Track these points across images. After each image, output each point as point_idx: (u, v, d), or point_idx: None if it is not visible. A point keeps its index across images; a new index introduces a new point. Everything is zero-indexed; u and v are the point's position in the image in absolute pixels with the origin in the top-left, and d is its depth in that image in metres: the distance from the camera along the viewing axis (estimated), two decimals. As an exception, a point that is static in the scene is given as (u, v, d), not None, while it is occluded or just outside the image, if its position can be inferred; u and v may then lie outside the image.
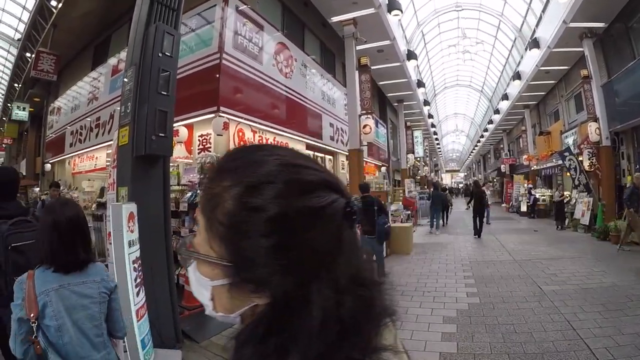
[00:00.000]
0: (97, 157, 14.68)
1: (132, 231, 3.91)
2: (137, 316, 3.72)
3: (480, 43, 27.06)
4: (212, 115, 8.85)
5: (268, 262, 0.56)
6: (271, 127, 11.02)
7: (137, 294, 3.82)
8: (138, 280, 3.88)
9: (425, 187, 28.46)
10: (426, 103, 28.46)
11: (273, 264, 0.56)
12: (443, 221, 17.87)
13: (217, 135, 9.00)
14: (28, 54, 20.33)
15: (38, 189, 19.88)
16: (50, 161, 18.95)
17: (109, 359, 2.12)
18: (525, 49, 19.71)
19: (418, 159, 31.15)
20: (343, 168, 16.60)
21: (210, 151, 9.31)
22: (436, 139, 45.40)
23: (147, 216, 4.47)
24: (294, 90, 12.27)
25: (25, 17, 22.53)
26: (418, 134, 30.99)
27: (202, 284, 0.65)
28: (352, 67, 13.06)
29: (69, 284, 2.00)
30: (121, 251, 3.76)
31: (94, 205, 10.80)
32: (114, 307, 2.21)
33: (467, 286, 7.02)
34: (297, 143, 12.78)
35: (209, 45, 9.32)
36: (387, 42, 15.77)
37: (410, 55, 18.97)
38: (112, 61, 13.76)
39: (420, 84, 24.10)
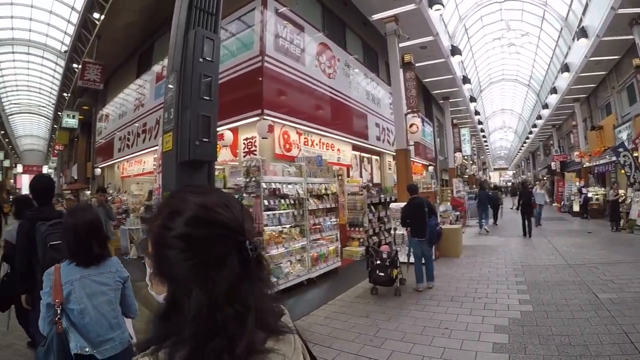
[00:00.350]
0: (144, 162, 15.19)
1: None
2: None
3: (525, 35, 26.03)
4: (257, 118, 8.94)
5: (167, 266, 0.84)
6: (316, 129, 11.03)
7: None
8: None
9: (474, 186, 27.72)
10: (472, 99, 27.52)
11: (170, 268, 0.83)
12: (494, 220, 17.47)
13: (262, 138, 9.05)
14: (75, 65, 21.33)
15: (89, 192, 20.78)
16: (100, 166, 19.74)
17: (123, 337, 2.46)
18: (573, 39, 18.70)
19: (465, 157, 30.43)
20: (390, 168, 16.44)
21: (255, 154, 9.35)
22: (483, 137, 43.94)
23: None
24: (337, 91, 12.22)
25: (71, 30, 23.75)
26: (465, 131, 30.24)
27: (147, 270, 0.95)
28: (396, 65, 12.75)
29: (89, 275, 2.37)
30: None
31: (142, 208, 11.14)
32: (127, 294, 2.62)
33: (519, 292, 6.66)
34: (342, 144, 12.77)
35: (251, 49, 9.40)
36: (430, 38, 15.40)
37: (455, 50, 18.40)
38: (156, 68, 14.17)
39: (465, 80, 23.37)
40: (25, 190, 49.24)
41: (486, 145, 53.40)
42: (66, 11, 24.62)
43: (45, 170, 51.87)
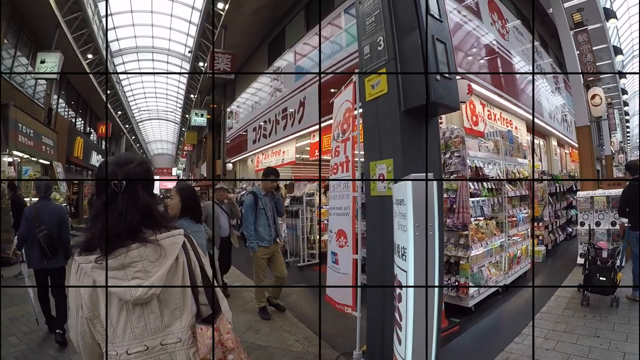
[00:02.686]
0: (284, 152, 14.32)
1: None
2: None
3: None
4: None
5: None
6: (500, 97, 9.39)
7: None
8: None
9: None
10: (622, 75, 24.02)
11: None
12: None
13: (460, 102, 7.44)
14: (201, 64, 21.45)
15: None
16: (232, 161, 19.58)
17: None
18: None
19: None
20: (555, 155, 14.25)
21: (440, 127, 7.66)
22: (627, 120, 38.76)
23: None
24: (513, 55, 10.53)
25: (192, 31, 23.93)
26: (616, 113, 26.29)
27: None
28: (564, 27, 11.07)
29: (192, 231, 2.67)
30: (432, 271, 1.96)
31: (288, 200, 10.29)
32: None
33: None
34: (518, 122, 11.11)
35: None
36: (586, -3, 13.06)
37: (609, 13, 15.70)
38: (293, 50, 13.16)
39: (617, 50, 20.17)
40: (156, 190, 53.73)
41: (627, 132, 46.91)
42: (187, 12, 24.86)
43: (174, 171, 55.57)
